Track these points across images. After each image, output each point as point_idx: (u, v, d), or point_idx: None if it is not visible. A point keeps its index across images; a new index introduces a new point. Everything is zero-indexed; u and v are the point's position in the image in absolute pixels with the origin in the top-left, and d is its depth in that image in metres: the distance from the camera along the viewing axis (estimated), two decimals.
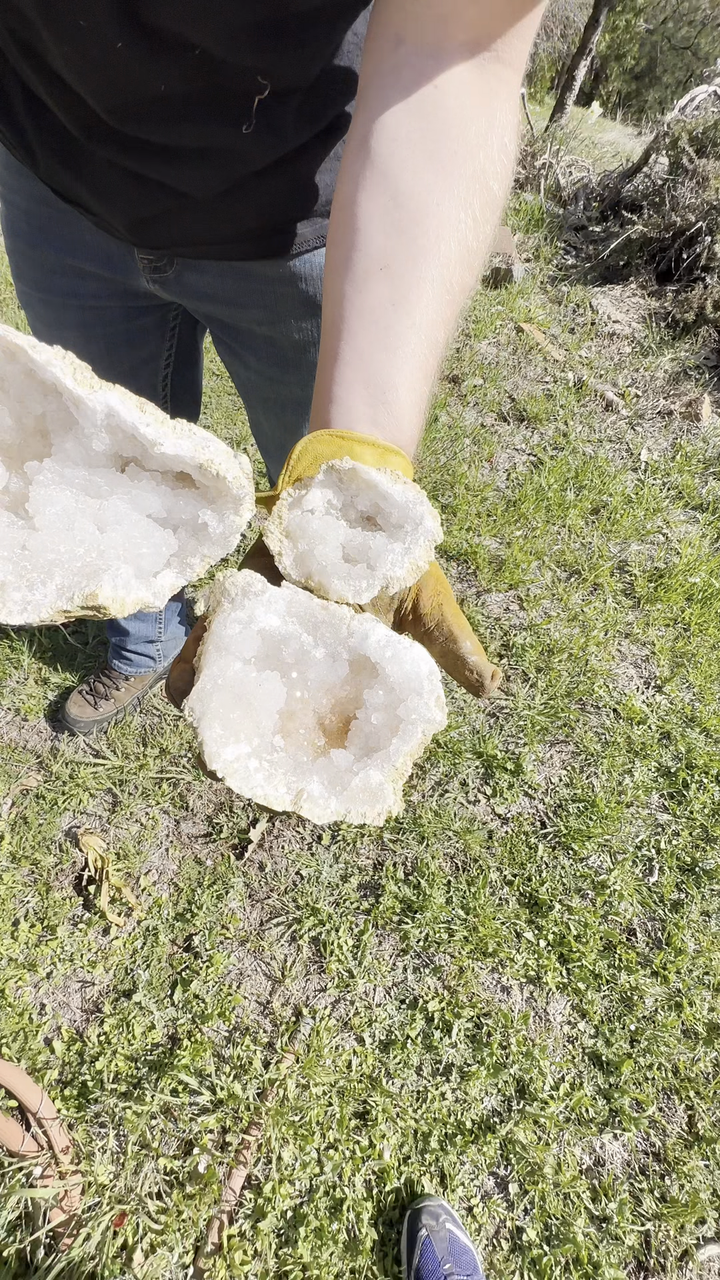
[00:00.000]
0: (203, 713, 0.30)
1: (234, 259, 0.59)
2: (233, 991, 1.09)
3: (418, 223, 0.37)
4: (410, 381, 0.37)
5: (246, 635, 0.31)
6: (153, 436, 0.28)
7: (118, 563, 0.29)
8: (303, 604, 0.33)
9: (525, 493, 1.93)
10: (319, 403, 0.39)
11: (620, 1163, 1.02)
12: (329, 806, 0.30)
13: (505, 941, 1.18)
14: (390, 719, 0.31)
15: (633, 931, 1.22)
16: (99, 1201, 0.91)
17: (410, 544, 0.34)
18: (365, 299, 0.37)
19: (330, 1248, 0.91)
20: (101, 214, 0.55)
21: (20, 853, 1.18)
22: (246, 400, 0.79)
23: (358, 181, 0.38)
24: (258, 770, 0.30)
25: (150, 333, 0.73)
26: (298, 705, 0.33)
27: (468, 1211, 0.96)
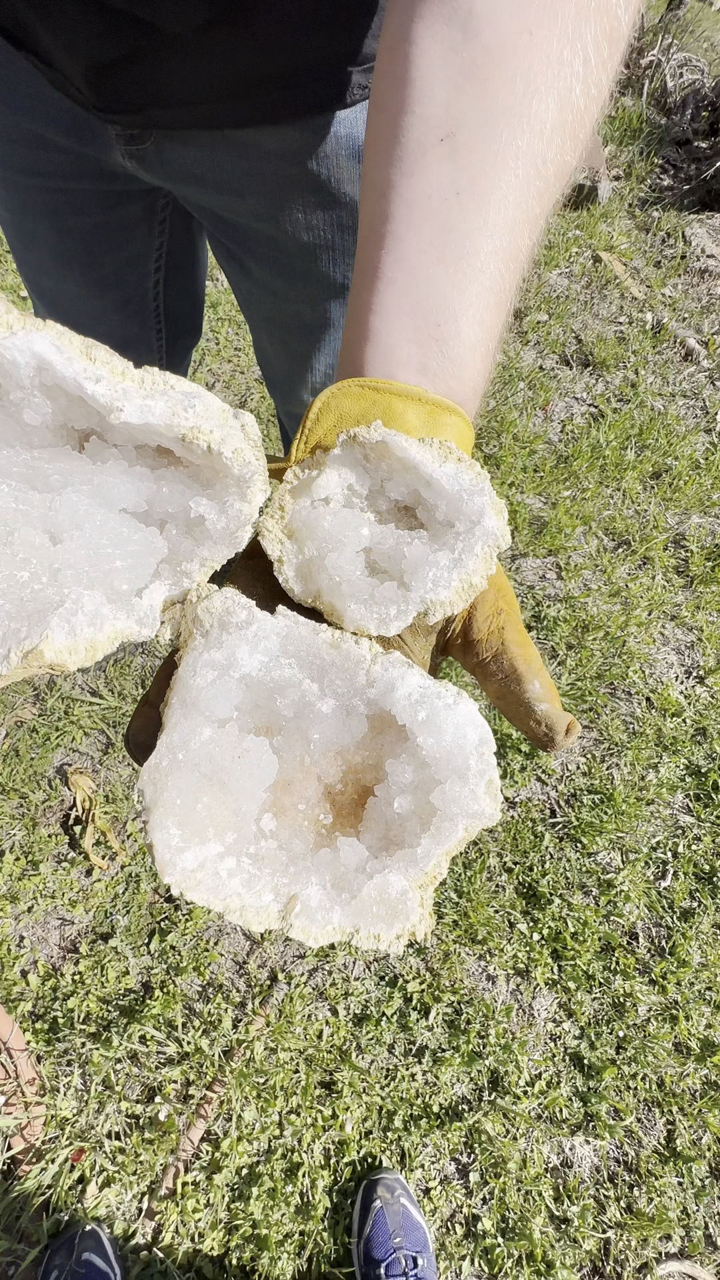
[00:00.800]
0: (154, 800, 0.22)
1: (224, 125, 0.45)
2: (210, 948, 1.07)
3: (498, 64, 0.25)
4: (477, 309, 0.26)
5: (223, 686, 0.23)
6: (107, 398, 0.20)
7: (78, 588, 0.21)
8: (303, 640, 0.24)
9: (580, 448, 1.74)
10: (350, 338, 0.28)
11: (589, 1167, 0.98)
12: (329, 921, 0.22)
13: (497, 930, 1.12)
14: (421, 805, 0.24)
15: (635, 936, 1.15)
16: (59, 1135, 0.92)
17: (462, 552, 0.24)
18: (419, 186, 0.26)
19: (282, 1209, 0.91)
20: (57, 58, 0.42)
21: (10, 785, 1.16)
22: (249, 319, 0.66)
23: (413, 15, 0.26)
24: (233, 875, 0.22)
25: (135, 227, 0.60)
26: (297, 773, 0.24)
27: (425, 1193, 0.95)
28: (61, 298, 0.64)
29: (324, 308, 0.57)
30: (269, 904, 0.22)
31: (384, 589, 0.24)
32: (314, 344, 0.61)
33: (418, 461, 0.23)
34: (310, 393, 0.66)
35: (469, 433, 0.27)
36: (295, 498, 0.25)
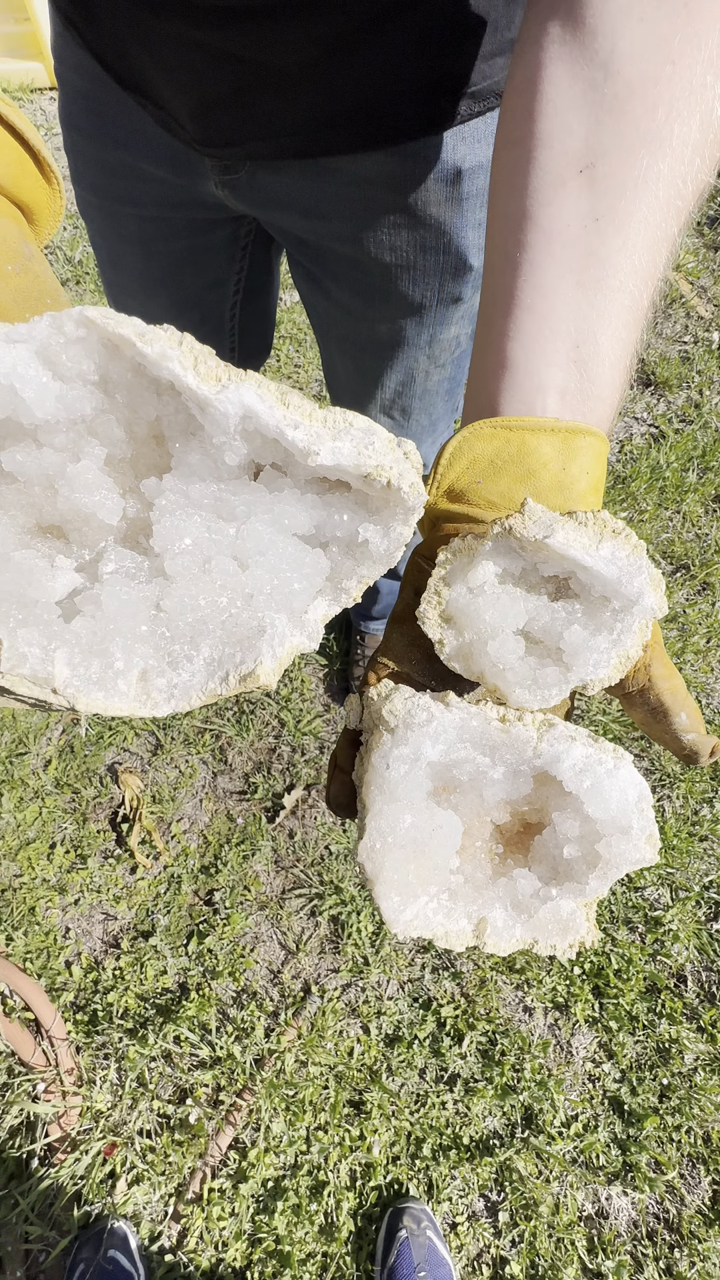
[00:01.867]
0: (375, 875, 0.26)
1: (317, 153, 0.47)
2: (246, 954, 1.08)
3: (640, 97, 0.26)
4: (615, 326, 0.27)
5: (414, 778, 0.27)
6: (305, 443, 0.22)
7: (271, 612, 0.24)
8: (476, 730, 0.27)
9: (638, 469, 1.70)
10: (483, 367, 0.29)
11: (626, 1220, 0.94)
12: (513, 935, 0.27)
13: (535, 960, 1.09)
14: (587, 853, 0.27)
15: (683, 978, 1.10)
16: (93, 1128, 0.94)
17: (621, 632, 0.26)
18: (556, 215, 0.27)
19: (306, 1227, 0.90)
20: (166, 98, 0.45)
21: (64, 779, 1.21)
22: (321, 339, 0.68)
23: (547, 48, 0.27)
24: (436, 911, 0.27)
25: (219, 252, 0.63)
26: (474, 820, 0.29)
27: (451, 1227, 0.92)
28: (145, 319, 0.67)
29: (399, 325, 0.58)
30: (464, 927, 0.27)
31: (546, 673, 0.26)
32: (386, 361, 0.63)
33: (576, 557, 0.25)
34: (379, 410, 0.68)
35: (604, 448, 0.28)
36: (449, 585, 0.26)
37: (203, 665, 0.23)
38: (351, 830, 1.20)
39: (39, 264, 0.24)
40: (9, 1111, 0.92)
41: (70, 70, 0.52)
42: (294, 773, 1.25)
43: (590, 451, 0.27)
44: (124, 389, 0.23)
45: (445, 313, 0.57)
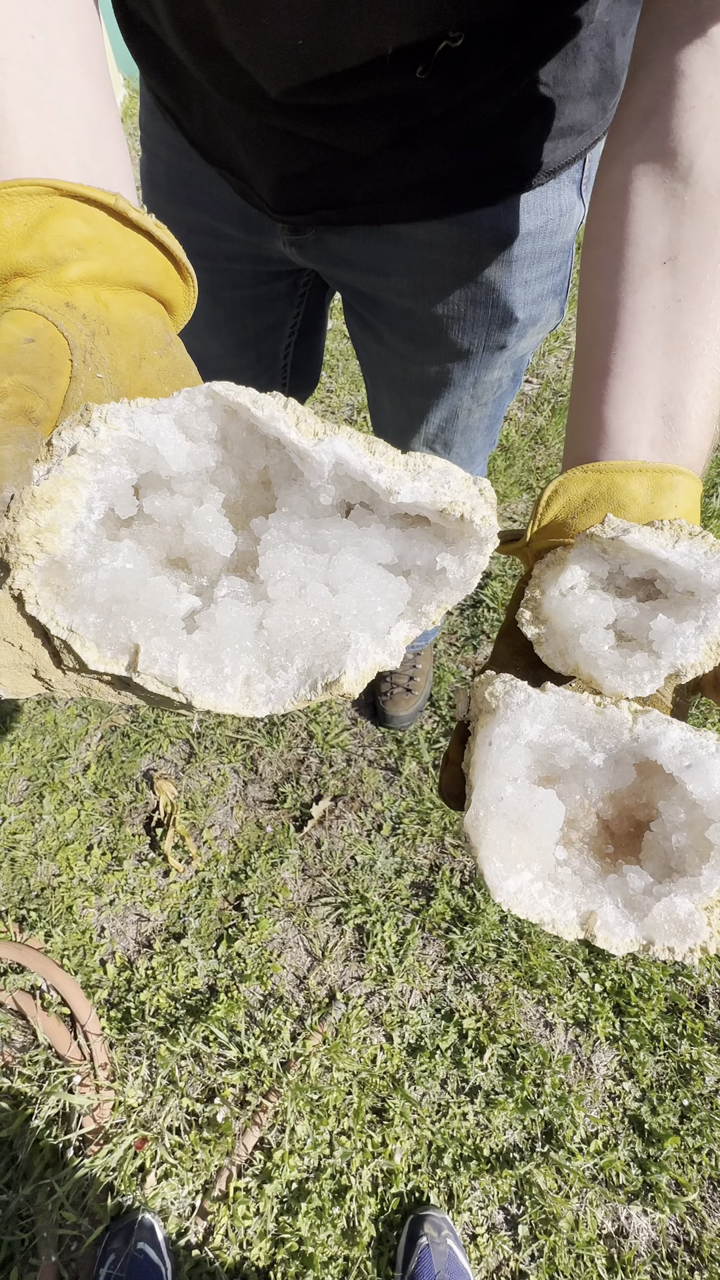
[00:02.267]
0: (479, 841, 0.28)
1: (384, 221, 0.53)
2: (273, 959, 1.11)
3: (716, 200, 0.30)
4: (701, 386, 0.31)
5: (514, 752, 0.28)
6: (387, 484, 0.26)
7: (355, 631, 0.26)
8: (572, 710, 0.28)
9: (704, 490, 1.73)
10: (581, 429, 0.33)
11: (646, 1240, 0.94)
12: (627, 933, 0.26)
13: (557, 976, 1.10)
14: (697, 840, 0.27)
15: (705, 1000, 1.10)
16: (125, 1122, 0.97)
17: (707, 619, 0.28)
18: (644, 299, 0.31)
19: (329, 1230, 0.92)
20: (247, 172, 0.51)
21: (102, 784, 1.26)
22: (370, 377, 0.73)
23: (635, 164, 0.32)
24: (543, 894, 0.28)
25: (279, 300, 0.69)
26: (579, 811, 0.29)
27: (471, 1238, 0.93)
28: (205, 356, 0.74)
29: (447, 368, 0.63)
30: (572, 919, 0.27)
31: (635, 659, 0.28)
32: (432, 400, 0.68)
33: (652, 550, 0.28)
34: (423, 443, 0.72)
35: (696, 487, 0.31)
36: (544, 590, 0.29)
37: (295, 674, 0.26)
38: (378, 843, 1.23)
39: (177, 347, 0.29)
40: (46, 1102, 0.96)
41: (157, 143, 0.58)
42: (322, 784, 1.29)
43: (681, 488, 0.30)
44: (239, 444, 0.28)
45: (490, 358, 0.62)
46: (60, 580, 0.25)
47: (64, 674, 0.27)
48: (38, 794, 1.25)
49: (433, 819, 1.25)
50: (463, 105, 0.43)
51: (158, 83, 0.51)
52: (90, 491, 0.24)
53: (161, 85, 0.50)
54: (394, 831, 1.24)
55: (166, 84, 0.50)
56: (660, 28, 0.31)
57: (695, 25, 0.30)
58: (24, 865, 1.18)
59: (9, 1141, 0.94)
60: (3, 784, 1.26)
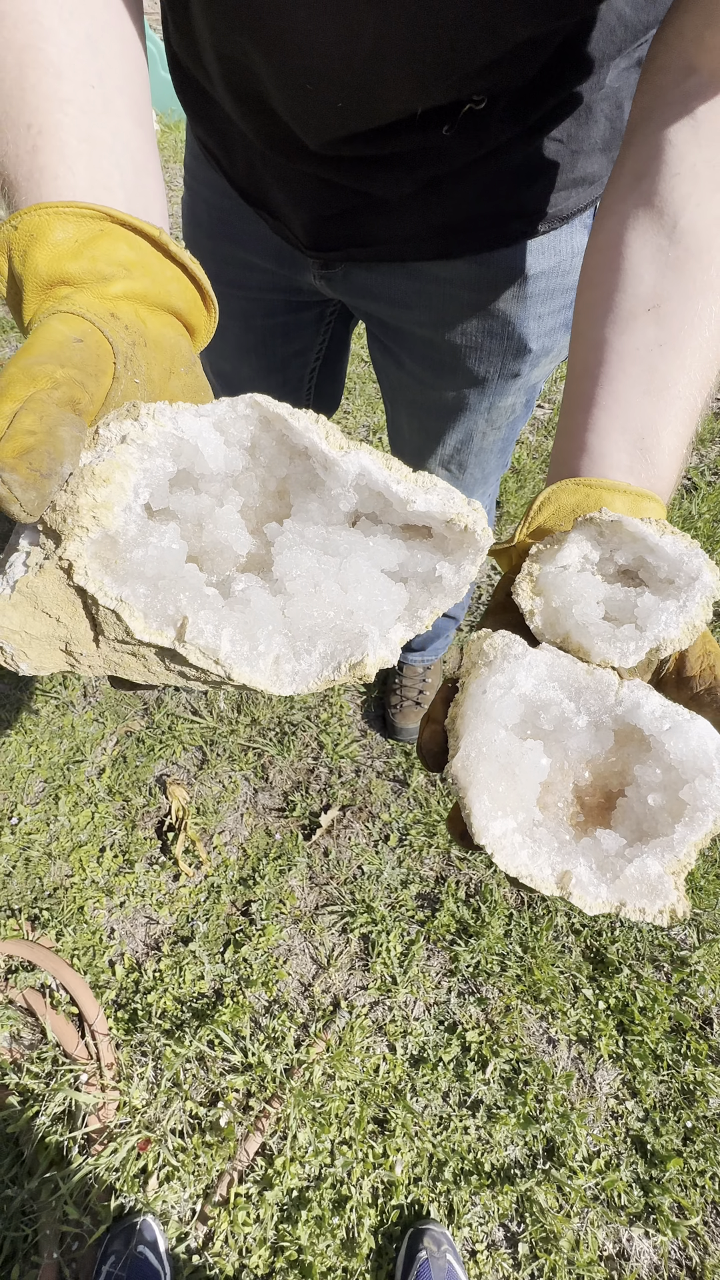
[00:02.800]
0: (469, 782, 0.29)
1: (408, 259, 0.57)
2: (279, 965, 1.12)
3: (697, 258, 0.34)
4: (676, 428, 0.35)
5: (508, 700, 0.30)
6: (404, 495, 0.28)
7: (368, 624, 0.29)
8: (565, 668, 0.30)
9: (671, 517, 1.76)
10: (567, 451, 0.37)
11: (648, 1264, 0.93)
12: (599, 894, 0.27)
13: (561, 992, 1.11)
14: (671, 801, 0.28)
15: (709, 1021, 1.10)
16: (129, 1122, 0.98)
17: (686, 601, 0.30)
18: (630, 341, 0.35)
19: (328, 1240, 0.92)
20: (283, 213, 0.56)
21: (116, 788, 1.29)
22: (390, 400, 0.78)
23: (625, 220, 0.36)
24: (522, 847, 0.29)
25: (306, 327, 0.73)
26: (556, 776, 0.31)
27: (470, 1254, 0.93)
28: (235, 378, 0.78)
29: (464, 394, 0.68)
30: (548, 875, 0.28)
31: (623, 629, 0.31)
32: (449, 423, 0.72)
33: (645, 535, 0.30)
34: (438, 464, 0.76)
35: (664, 513, 0.35)
36: (541, 565, 0.32)
37: (318, 658, 0.28)
38: (384, 853, 1.24)
39: (199, 367, 0.33)
40: (53, 1099, 0.97)
41: (200, 183, 0.63)
42: (330, 793, 1.31)
43: (652, 512, 0.34)
44: (267, 453, 0.30)
45: (504, 385, 0.66)
46: (111, 554, 0.27)
47: (98, 647, 0.29)
48: (54, 796, 1.27)
49: (439, 831, 1.26)
50: (484, 159, 0.47)
51: (204, 132, 0.56)
52: (138, 478, 0.27)
53: (208, 134, 0.55)
54: (401, 842, 1.25)
55: (212, 133, 0.55)
56: (654, 101, 0.35)
57: (683, 103, 0.34)
58: (38, 865, 1.20)
59: (15, 1137, 0.95)
60: (20, 785, 1.29)
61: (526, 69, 0.41)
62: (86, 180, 0.29)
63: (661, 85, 0.35)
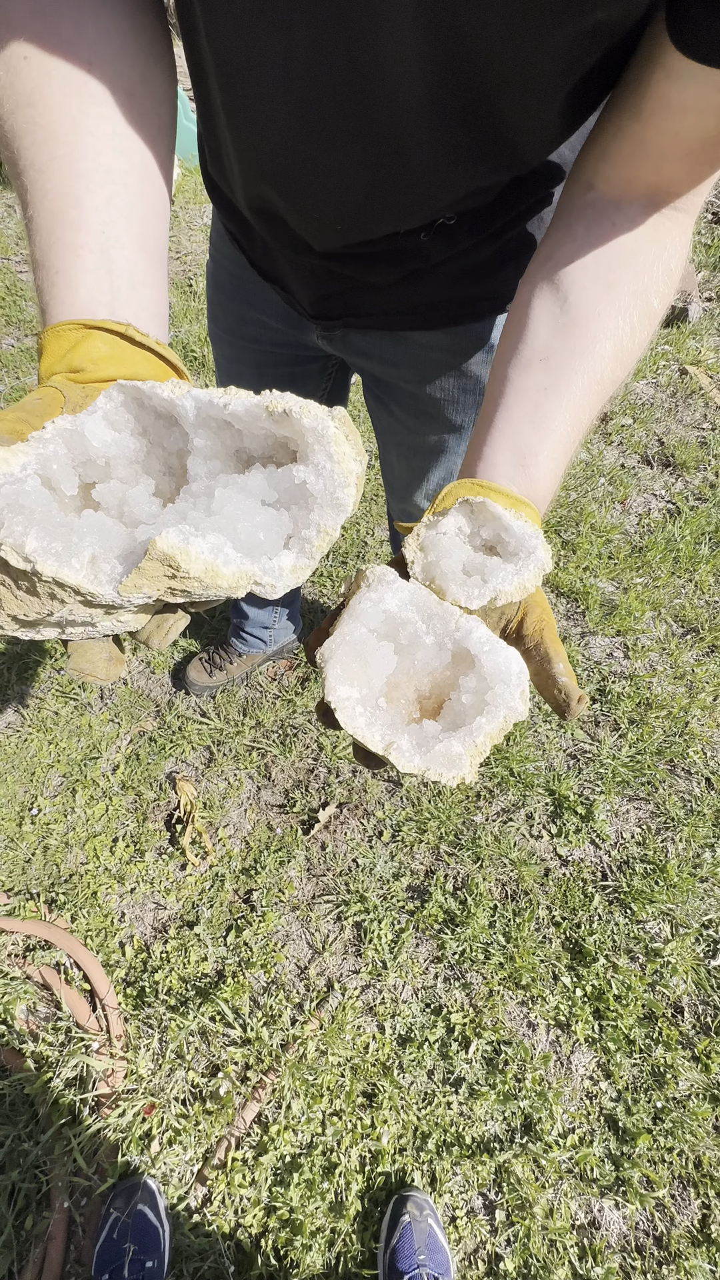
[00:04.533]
0: (330, 657, 0.36)
1: (396, 329, 0.70)
2: (277, 949, 1.20)
3: (579, 326, 0.44)
4: (551, 453, 0.44)
5: (374, 611, 0.37)
6: (223, 400, 0.30)
7: (208, 530, 0.30)
8: (423, 597, 0.38)
9: (654, 540, 1.87)
10: (469, 460, 0.46)
11: (617, 1233, 0.99)
12: (413, 760, 0.34)
13: (540, 979, 1.18)
14: (478, 701, 0.36)
15: (680, 1009, 1.17)
16: (135, 1089, 1.06)
17: (521, 567, 0.38)
18: (524, 382, 0.45)
19: (318, 1202, 0.98)
20: (293, 289, 0.68)
21: (129, 783, 1.39)
22: (382, 442, 0.90)
23: (534, 290, 0.46)
24: (361, 715, 0.35)
25: (310, 378, 0.86)
26: (403, 678, 0.38)
27: (451, 1221, 0.99)
28: None
29: (443, 439, 0.80)
30: (377, 740, 0.35)
31: (472, 580, 0.40)
32: (431, 462, 0.84)
33: (501, 515, 0.39)
34: (424, 497, 0.89)
35: (538, 519, 0.43)
36: (427, 530, 0.41)
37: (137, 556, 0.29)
38: (378, 847, 1.33)
39: None
40: (66, 1064, 1.05)
41: (224, 256, 0.76)
42: (329, 791, 1.40)
43: (529, 515, 0.42)
44: (155, 431, 0.33)
45: None
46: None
47: None
48: (71, 789, 1.37)
49: (430, 829, 1.35)
50: (455, 257, 0.59)
51: (228, 220, 0.68)
52: (27, 459, 0.30)
53: (231, 223, 0.68)
54: (394, 838, 1.34)
55: (235, 224, 0.67)
56: (565, 203, 0.46)
57: (582, 209, 0.45)
58: (55, 852, 1.29)
59: (31, 1098, 1.03)
60: (40, 779, 1.39)
61: (485, 198, 0.52)
62: (85, 300, 0.38)
63: (571, 192, 0.46)
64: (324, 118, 0.43)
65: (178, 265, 2.76)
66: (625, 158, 0.42)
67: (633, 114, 0.40)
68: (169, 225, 0.45)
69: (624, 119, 0.41)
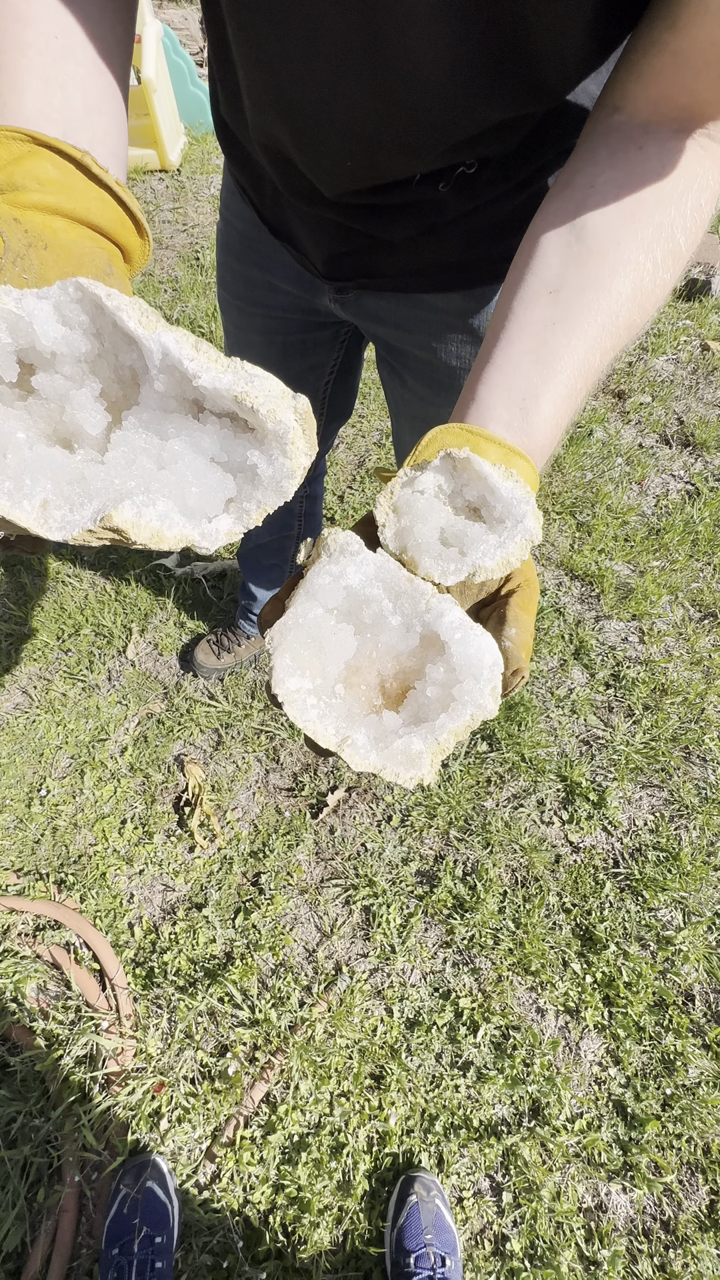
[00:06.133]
0: (279, 644, 0.32)
1: (409, 290, 0.65)
2: (285, 932, 1.20)
3: (595, 257, 0.39)
4: (554, 398, 0.39)
5: (333, 588, 0.33)
6: (194, 370, 0.28)
7: (158, 496, 0.29)
8: (391, 572, 0.34)
9: (672, 522, 1.82)
10: (461, 401, 0.42)
11: (624, 1216, 0.99)
12: (368, 758, 0.32)
13: (550, 965, 1.17)
14: (444, 696, 0.33)
15: (691, 997, 1.16)
16: (145, 1068, 1.06)
17: (506, 539, 0.34)
18: (529, 316, 0.40)
19: (325, 1181, 0.99)
20: (305, 247, 0.64)
21: (138, 765, 1.38)
22: (395, 414, 0.86)
23: (548, 215, 0.42)
24: (314, 708, 0.32)
25: (322, 345, 0.82)
26: (365, 662, 0.34)
27: (458, 1201, 1.00)
28: None
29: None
30: (331, 734, 0.32)
31: (449, 553, 0.35)
32: None
33: (487, 474, 0.34)
34: None
35: (534, 476, 0.39)
36: (402, 488, 0.36)
37: (90, 513, 0.28)
38: (387, 832, 1.32)
39: (117, 280, 0.34)
40: (76, 1042, 1.06)
41: (234, 215, 0.72)
42: (337, 776, 1.38)
43: (522, 470, 0.38)
44: (110, 339, 0.30)
45: None
46: None
47: None
48: (79, 771, 1.37)
49: (439, 814, 1.33)
50: (474, 211, 0.55)
51: (240, 173, 0.64)
52: None
53: (243, 176, 0.64)
54: (402, 823, 1.33)
55: (247, 177, 0.63)
56: (589, 128, 0.42)
57: (605, 134, 0.40)
58: (64, 834, 1.29)
59: (41, 1075, 1.04)
60: (49, 760, 1.38)
61: (508, 142, 0.48)
62: (32, 110, 0.32)
63: (596, 117, 0.42)
64: (331, 35, 0.40)
65: (184, 237, 2.70)
66: (656, 74, 0.38)
67: (668, 23, 0.36)
68: (130, 68, 0.39)
69: (657, 29, 0.37)
